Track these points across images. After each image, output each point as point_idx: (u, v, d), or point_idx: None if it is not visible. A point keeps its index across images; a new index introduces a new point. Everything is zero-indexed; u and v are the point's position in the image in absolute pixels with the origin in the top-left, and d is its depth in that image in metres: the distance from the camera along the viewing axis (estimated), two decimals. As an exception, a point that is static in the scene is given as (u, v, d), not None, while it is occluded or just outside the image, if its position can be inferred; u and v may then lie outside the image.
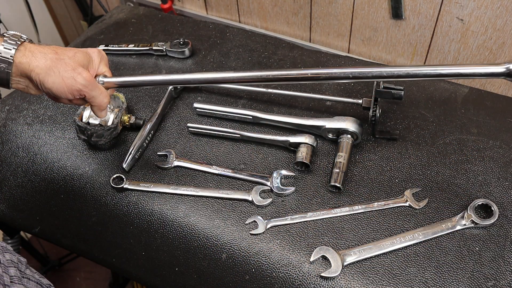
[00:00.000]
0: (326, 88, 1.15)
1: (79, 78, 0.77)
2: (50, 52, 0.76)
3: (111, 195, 0.99)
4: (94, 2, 1.86)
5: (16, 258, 0.79)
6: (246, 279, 0.88)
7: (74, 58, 0.78)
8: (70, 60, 0.77)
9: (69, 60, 0.77)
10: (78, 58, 0.79)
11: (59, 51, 0.77)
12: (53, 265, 2.02)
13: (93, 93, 0.80)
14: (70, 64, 0.77)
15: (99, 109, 0.83)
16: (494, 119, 1.05)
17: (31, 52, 0.75)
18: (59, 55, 0.76)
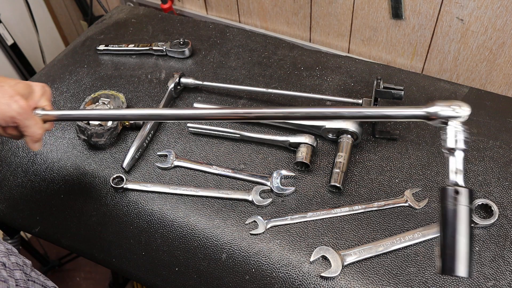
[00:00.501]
0: (326, 88, 1.15)
1: (14, 105, 0.76)
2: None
3: (111, 195, 0.99)
4: (94, 2, 1.86)
5: (22, 260, 0.79)
6: (246, 279, 0.88)
7: (15, 87, 0.78)
8: (9, 88, 0.77)
9: (9, 88, 0.77)
10: (19, 88, 0.78)
11: (1, 79, 0.77)
12: (53, 265, 2.02)
13: (26, 123, 0.79)
14: (8, 92, 0.76)
15: (32, 140, 0.82)
16: (494, 119, 1.05)
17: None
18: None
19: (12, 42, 1.91)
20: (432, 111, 0.70)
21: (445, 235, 0.63)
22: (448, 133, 0.68)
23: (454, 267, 0.61)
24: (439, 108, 0.69)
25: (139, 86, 1.20)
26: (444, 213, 0.63)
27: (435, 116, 0.69)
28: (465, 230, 0.62)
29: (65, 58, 1.32)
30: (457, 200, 0.63)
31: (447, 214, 0.63)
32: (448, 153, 0.67)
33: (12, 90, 0.77)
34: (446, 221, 0.63)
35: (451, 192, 0.63)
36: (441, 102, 0.69)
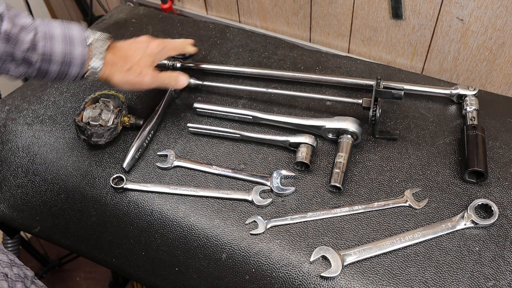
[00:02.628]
0: (326, 88, 1.16)
1: (146, 79, 0.96)
2: (124, 63, 0.92)
3: (111, 195, 0.99)
4: (94, 2, 1.86)
5: (23, 272, 0.79)
6: (246, 279, 0.88)
7: (140, 64, 0.95)
8: (137, 65, 0.94)
9: (137, 66, 0.94)
10: (143, 63, 0.95)
11: (129, 61, 0.93)
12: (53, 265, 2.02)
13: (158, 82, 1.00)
14: (137, 70, 0.94)
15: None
16: (494, 119, 1.05)
17: (111, 68, 0.91)
18: (129, 65, 0.93)
19: (12, 42, 1.90)
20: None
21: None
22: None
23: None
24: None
25: (139, 86, 1.20)
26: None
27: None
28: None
29: (65, 58, 1.32)
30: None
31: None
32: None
33: (139, 67, 0.96)
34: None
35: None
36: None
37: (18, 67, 0.81)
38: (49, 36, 0.81)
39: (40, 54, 0.81)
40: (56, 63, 0.83)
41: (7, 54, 0.78)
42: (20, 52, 0.79)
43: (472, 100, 1.04)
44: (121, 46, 0.95)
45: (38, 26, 0.81)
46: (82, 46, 0.85)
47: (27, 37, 0.79)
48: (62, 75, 0.85)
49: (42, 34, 0.81)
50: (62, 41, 0.82)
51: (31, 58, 0.80)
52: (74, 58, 0.84)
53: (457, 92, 1.07)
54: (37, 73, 0.83)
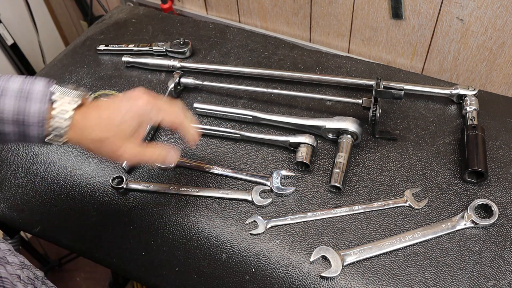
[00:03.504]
0: (326, 88, 1.16)
1: (125, 157, 0.76)
2: (94, 131, 0.73)
3: (111, 195, 0.99)
4: (94, 2, 1.86)
5: (33, 274, 0.79)
6: (246, 279, 0.88)
7: (121, 132, 0.74)
8: (114, 138, 0.74)
9: (114, 139, 0.74)
10: (124, 129, 0.75)
11: (104, 129, 0.73)
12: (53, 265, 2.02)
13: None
14: (116, 143, 0.74)
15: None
16: (494, 119, 1.05)
17: (80, 133, 0.73)
18: (104, 135, 0.73)
19: (12, 42, 1.91)
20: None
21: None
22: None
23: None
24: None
25: (139, 86, 1.20)
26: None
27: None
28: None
29: (65, 58, 1.32)
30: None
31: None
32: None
33: (117, 140, 0.75)
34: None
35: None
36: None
37: None
38: (1, 91, 0.68)
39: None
40: (8, 122, 0.69)
41: None
42: None
43: (472, 100, 1.04)
44: (98, 105, 0.75)
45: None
46: (40, 103, 0.69)
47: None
48: (22, 138, 0.71)
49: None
50: (16, 96, 0.68)
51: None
52: (29, 116, 0.69)
53: (457, 92, 1.07)
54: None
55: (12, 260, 0.74)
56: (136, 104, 0.75)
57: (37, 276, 0.80)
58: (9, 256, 0.75)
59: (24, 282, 0.73)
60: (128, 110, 0.74)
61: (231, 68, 1.20)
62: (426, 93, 1.10)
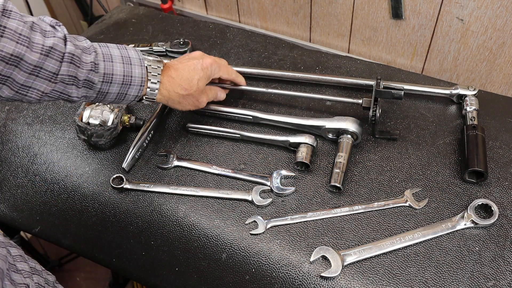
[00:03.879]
0: (326, 88, 1.16)
1: (202, 104, 1.00)
2: (181, 89, 0.92)
3: (111, 195, 0.99)
4: (94, 2, 1.86)
5: (44, 279, 0.78)
6: (246, 279, 0.88)
7: (198, 88, 0.95)
8: (195, 93, 0.95)
9: (195, 93, 0.95)
10: (200, 85, 0.96)
11: (187, 85, 0.93)
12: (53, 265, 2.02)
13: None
14: (195, 97, 0.96)
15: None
16: (494, 119, 1.05)
17: (167, 91, 0.91)
18: (188, 90, 0.93)
19: (12, 42, 1.90)
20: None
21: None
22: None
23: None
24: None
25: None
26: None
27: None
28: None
29: (65, 58, 1.32)
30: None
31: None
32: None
33: (197, 94, 0.97)
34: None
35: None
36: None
37: (79, 89, 0.79)
38: (109, 57, 0.81)
39: (101, 74, 0.80)
40: (117, 83, 0.82)
41: (70, 76, 0.76)
42: (83, 73, 0.77)
43: (472, 100, 1.04)
44: (176, 67, 0.93)
45: (97, 48, 0.81)
46: (140, 67, 0.85)
47: (89, 58, 0.78)
48: (121, 97, 0.85)
49: (101, 55, 0.80)
50: (122, 61, 0.83)
51: (92, 79, 0.79)
52: (134, 78, 0.84)
53: (457, 92, 1.07)
54: (96, 95, 0.82)
55: (22, 267, 0.73)
56: (205, 64, 0.96)
57: (48, 282, 0.79)
58: (19, 263, 0.74)
59: None
60: (201, 70, 0.95)
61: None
62: (426, 93, 1.10)
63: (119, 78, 0.82)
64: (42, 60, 0.72)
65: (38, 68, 0.72)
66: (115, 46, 0.84)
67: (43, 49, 0.71)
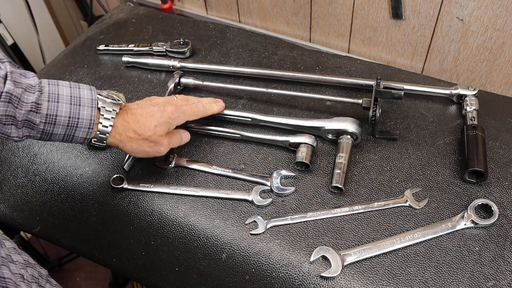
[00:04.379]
0: (326, 88, 1.16)
1: (162, 151, 0.91)
2: (134, 134, 0.86)
3: (111, 195, 0.99)
4: (94, 2, 1.86)
5: (37, 272, 0.79)
6: (246, 279, 0.88)
7: (156, 135, 0.88)
8: (151, 139, 0.88)
9: (151, 140, 0.88)
10: (158, 131, 0.88)
11: (142, 131, 0.86)
12: (53, 265, 2.02)
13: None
14: (153, 142, 0.89)
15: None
16: (494, 119, 1.05)
17: (119, 135, 0.85)
18: (143, 136, 0.87)
19: (12, 42, 1.91)
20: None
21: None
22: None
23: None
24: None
25: (139, 86, 1.20)
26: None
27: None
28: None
29: (65, 58, 1.32)
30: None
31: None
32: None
33: (155, 137, 0.89)
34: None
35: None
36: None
37: (18, 129, 0.75)
38: (55, 97, 0.77)
39: (43, 115, 0.75)
40: (61, 125, 0.78)
41: (7, 116, 0.72)
42: (22, 113, 0.73)
43: (472, 100, 1.04)
44: (134, 112, 0.88)
45: (44, 87, 0.76)
46: (90, 108, 0.80)
47: (31, 98, 0.73)
48: (68, 138, 0.80)
49: (47, 95, 0.76)
50: (69, 101, 0.78)
51: (33, 120, 0.75)
52: (81, 120, 0.79)
53: (457, 92, 1.07)
54: (41, 135, 0.78)
55: (16, 259, 0.74)
56: (166, 111, 0.90)
57: (41, 275, 0.80)
58: (13, 255, 0.75)
59: (27, 281, 0.73)
60: (161, 116, 0.89)
61: (231, 68, 1.20)
62: (426, 93, 1.10)
63: (64, 120, 0.77)
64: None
65: None
66: (67, 84, 0.79)
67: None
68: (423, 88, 1.10)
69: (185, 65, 1.21)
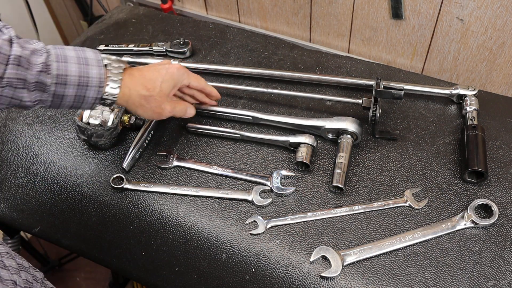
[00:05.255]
0: (326, 88, 1.16)
1: (165, 112, 0.93)
2: (142, 89, 0.87)
3: (111, 195, 0.99)
4: (94, 2, 1.86)
5: (32, 276, 0.78)
6: (246, 279, 0.88)
7: (162, 91, 0.90)
8: (158, 96, 0.89)
9: (158, 97, 0.89)
10: (164, 88, 0.90)
11: (149, 86, 0.88)
12: (53, 265, 2.02)
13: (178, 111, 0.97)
14: (158, 101, 0.90)
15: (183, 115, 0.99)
16: (494, 119, 1.05)
17: (129, 90, 0.86)
18: (149, 91, 0.88)
19: (12, 42, 1.90)
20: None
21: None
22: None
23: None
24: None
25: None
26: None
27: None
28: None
29: (65, 58, 1.32)
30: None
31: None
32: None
33: (160, 97, 0.90)
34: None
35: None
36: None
37: (31, 93, 0.75)
38: (63, 58, 0.77)
39: (54, 76, 0.75)
40: (72, 85, 0.78)
41: (19, 79, 0.72)
42: (33, 75, 0.73)
43: (472, 100, 1.04)
44: (140, 68, 0.90)
45: (51, 49, 0.77)
46: (98, 67, 0.80)
47: (39, 59, 0.74)
48: (79, 100, 0.81)
49: (55, 56, 0.76)
50: (77, 61, 0.78)
51: (44, 81, 0.75)
52: (91, 78, 0.79)
53: (457, 92, 1.07)
54: (52, 98, 0.78)
55: (9, 264, 0.73)
56: (171, 68, 0.92)
57: (36, 278, 0.79)
58: (6, 260, 0.74)
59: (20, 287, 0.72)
60: (166, 73, 0.90)
61: (231, 68, 1.20)
62: (426, 93, 1.10)
63: (74, 79, 0.78)
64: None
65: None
66: (72, 48, 0.80)
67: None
68: (423, 88, 1.10)
69: (185, 65, 1.21)
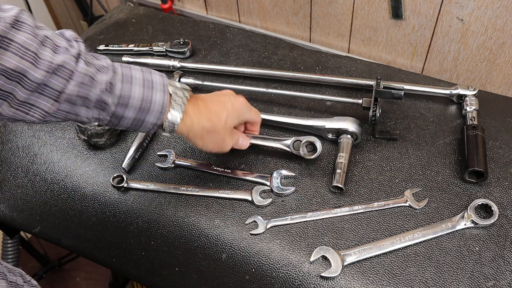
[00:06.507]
0: (326, 88, 1.16)
1: (227, 147, 0.89)
2: (206, 121, 0.82)
3: (111, 195, 0.99)
4: (94, 2, 1.86)
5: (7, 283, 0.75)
6: (246, 279, 0.88)
7: (226, 126, 0.85)
8: (221, 130, 0.85)
9: (221, 131, 0.85)
10: (229, 123, 0.86)
11: (214, 120, 0.83)
12: (53, 265, 2.02)
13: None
14: (221, 134, 0.85)
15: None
16: (494, 119, 1.05)
17: (191, 121, 0.81)
18: (214, 125, 0.83)
19: (12, 42, 1.90)
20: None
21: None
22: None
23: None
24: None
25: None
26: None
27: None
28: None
29: (65, 58, 1.32)
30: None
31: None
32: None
33: (224, 132, 0.86)
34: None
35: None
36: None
37: (89, 110, 0.72)
38: (129, 78, 0.74)
39: (116, 96, 0.72)
40: (133, 108, 0.74)
41: (79, 96, 0.69)
42: (95, 93, 0.70)
43: (472, 100, 1.04)
44: (204, 99, 0.84)
45: (117, 68, 0.74)
46: (163, 92, 0.76)
47: (104, 77, 0.71)
48: (138, 124, 0.77)
49: (120, 75, 0.73)
50: (142, 84, 0.75)
51: (106, 101, 0.72)
52: (153, 104, 0.75)
53: (457, 92, 1.07)
54: (110, 118, 0.75)
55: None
56: (237, 102, 0.87)
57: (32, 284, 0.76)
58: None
59: None
60: (232, 107, 0.86)
61: (231, 68, 1.20)
62: (426, 93, 1.10)
63: (137, 102, 0.74)
64: (48, 77, 0.65)
65: (42, 86, 0.66)
66: (139, 68, 0.77)
67: (50, 67, 0.65)
68: (423, 88, 1.10)
69: (185, 65, 1.21)
